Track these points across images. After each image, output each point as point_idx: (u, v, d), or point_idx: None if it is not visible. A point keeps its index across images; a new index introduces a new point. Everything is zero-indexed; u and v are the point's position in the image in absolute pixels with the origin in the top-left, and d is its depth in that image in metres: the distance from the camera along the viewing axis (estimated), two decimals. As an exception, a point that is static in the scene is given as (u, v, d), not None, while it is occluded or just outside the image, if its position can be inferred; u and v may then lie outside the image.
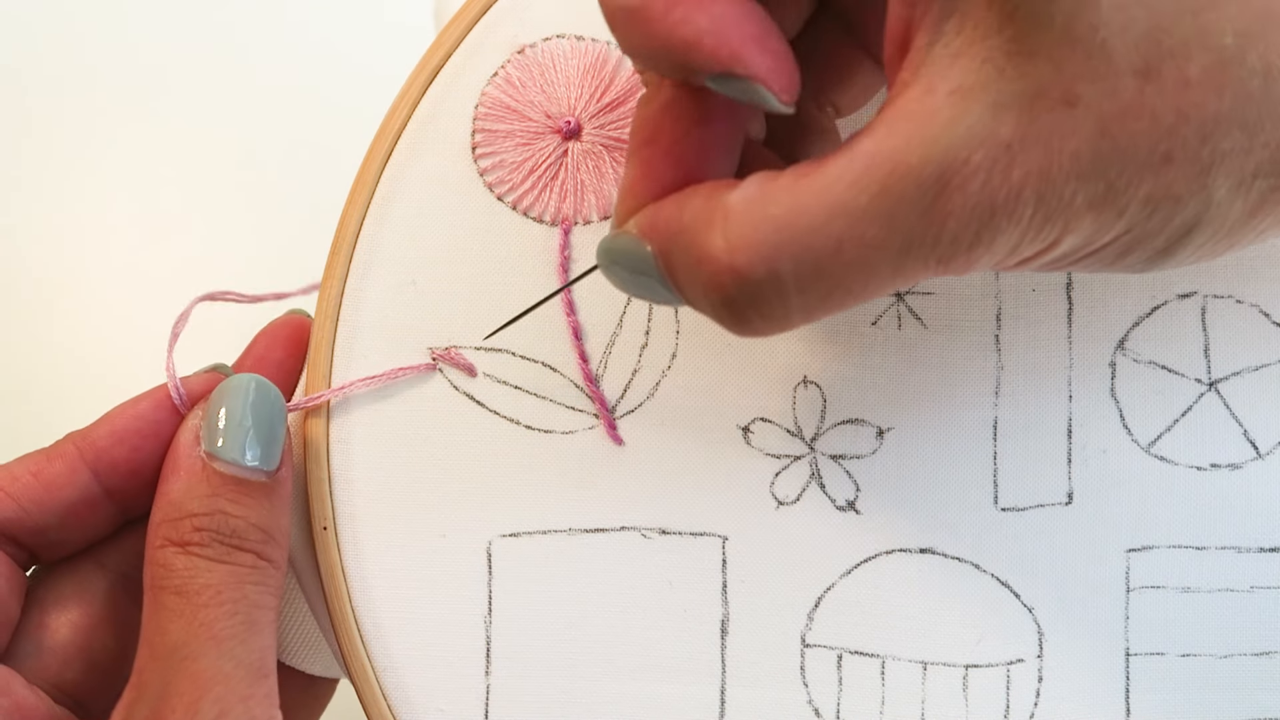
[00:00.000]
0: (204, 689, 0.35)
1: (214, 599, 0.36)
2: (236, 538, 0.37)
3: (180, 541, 0.37)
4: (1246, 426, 0.40)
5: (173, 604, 0.36)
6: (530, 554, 0.41)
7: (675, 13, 0.30)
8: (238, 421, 0.38)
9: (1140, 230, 0.30)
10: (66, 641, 0.40)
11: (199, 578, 0.37)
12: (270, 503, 0.38)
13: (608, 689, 0.41)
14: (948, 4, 0.29)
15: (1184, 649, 0.40)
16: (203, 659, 0.36)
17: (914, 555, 0.41)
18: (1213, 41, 0.28)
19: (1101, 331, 0.41)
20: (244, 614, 0.37)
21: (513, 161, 0.42)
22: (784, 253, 0.29)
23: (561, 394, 0.41)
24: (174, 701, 0.35)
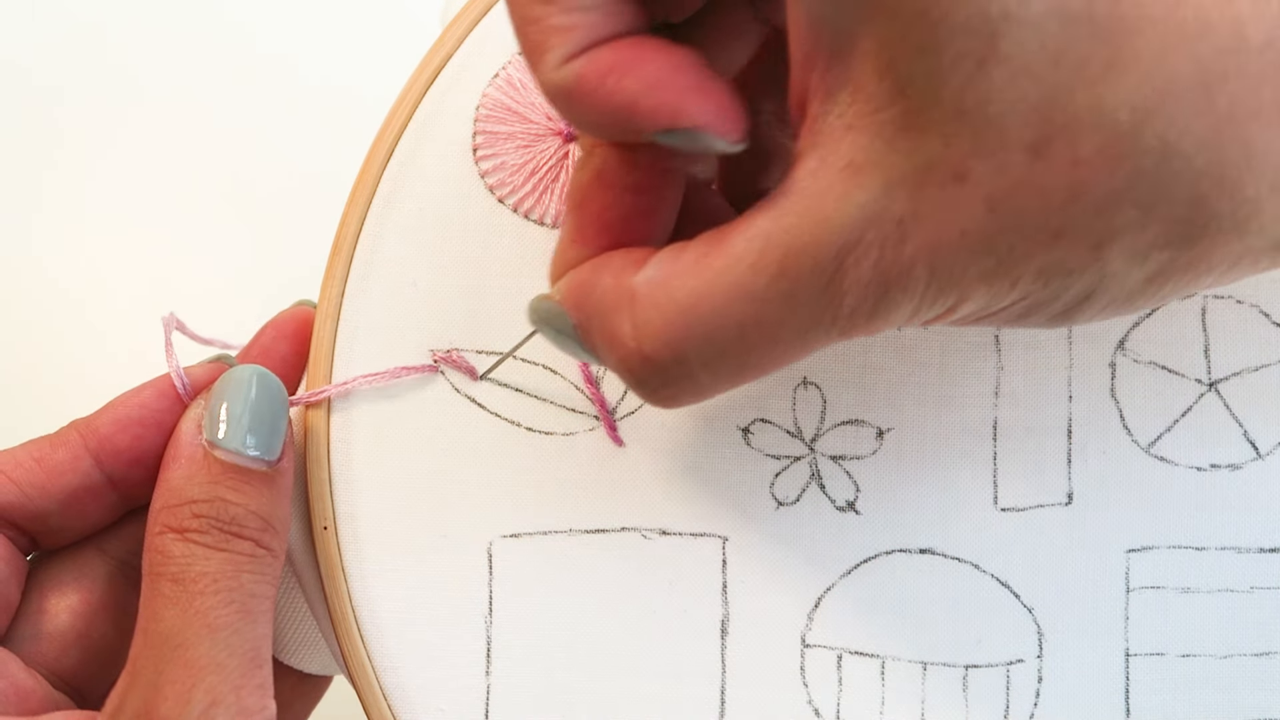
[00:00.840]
0: (197, 677, 0.35)
1: (210, 587, 0.36)
2: (235, 525, 0.37)
3: (179, 528, 0.37)
4: (1246, 427, 0.40)
5: (169, 591, 0.36)
6: (531, 554, 0.41)
7: (608, 82, 0.30)
8: (239, 412, 0.38)
9: (1036, 298, 0.30)
10: (66, 627, 0.40)
11: (195, 565, 0.37)
12: (271, 491, 0.38)
13: (608, 689, 0.41)
14: (840, 74, 0.29)
15: (1184, 649, 0.40)
16: (197, 647, 0.36)
17: (914, 555, 0.41)
18: (1107, 118, 0.27)
19: (1101, 331, 0.41)
20: (240, 602, 0.37)
21: (514, 163, 0.42)
22: (689, 339, 0.31)
23: (562, 396, 0.41)
24: (166, 690, 0.35)
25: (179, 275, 0.70)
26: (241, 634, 0.36)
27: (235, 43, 0.73)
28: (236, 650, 0.36)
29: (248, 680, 0.36)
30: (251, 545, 0.37)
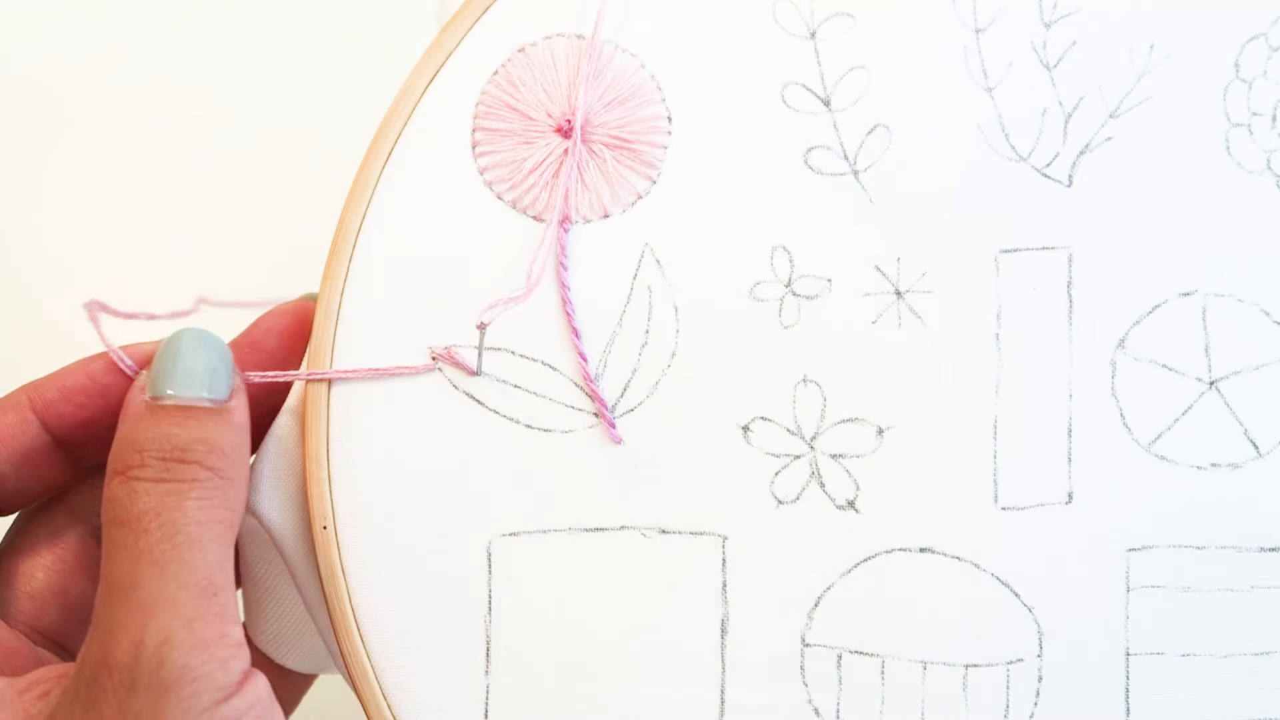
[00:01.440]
0: (147, 617, 0.35)
1: (152, 522, 0.36)
2: (179, 451, 0.37)
3: (123, 469, 0.37)
4: (1247, 426, 0.40)
5: (117, 536, 0.36)
6: (530, 554, 0.41)
7: None
8: (177, 363, 0.38)
9: None
10: (42, 585, 0.40)
11: (136, 504, 0.36)
12: (218, 422, 0.38)
13: (608, 689, 0.41)
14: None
15: (1184, 649, 0.40)
16: (144, 586, 0.35)
17: (914, 555, 0.41)
18: None
19: (1102, 330, 0.41)
20: (184, 533, 0.36)
21: (513, 160, 0.42)
22: None
23: (561, 393, 0.41)
24: (119, 634, 0.35)
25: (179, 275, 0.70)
26: (189, 565, 0.36)
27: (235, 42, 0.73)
28: (186, 582, 0.35)
29: (201, 611, 0.35)
30: (195, 468, 0.37)
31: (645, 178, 0.42)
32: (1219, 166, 0.41)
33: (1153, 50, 0.41)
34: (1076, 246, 0.41)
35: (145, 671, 0.34)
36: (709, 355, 0.41)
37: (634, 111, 0.42)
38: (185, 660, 0.34)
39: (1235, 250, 0.41)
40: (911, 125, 0.41)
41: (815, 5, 0.42)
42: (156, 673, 0.34)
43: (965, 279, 0.41)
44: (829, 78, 0.42)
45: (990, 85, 0.41)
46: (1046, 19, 0.42)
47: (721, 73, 0.42)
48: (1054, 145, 0.41)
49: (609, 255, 0.41)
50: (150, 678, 0.34)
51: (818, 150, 0.41)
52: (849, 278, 0.41)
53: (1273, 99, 0.41)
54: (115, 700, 0.34)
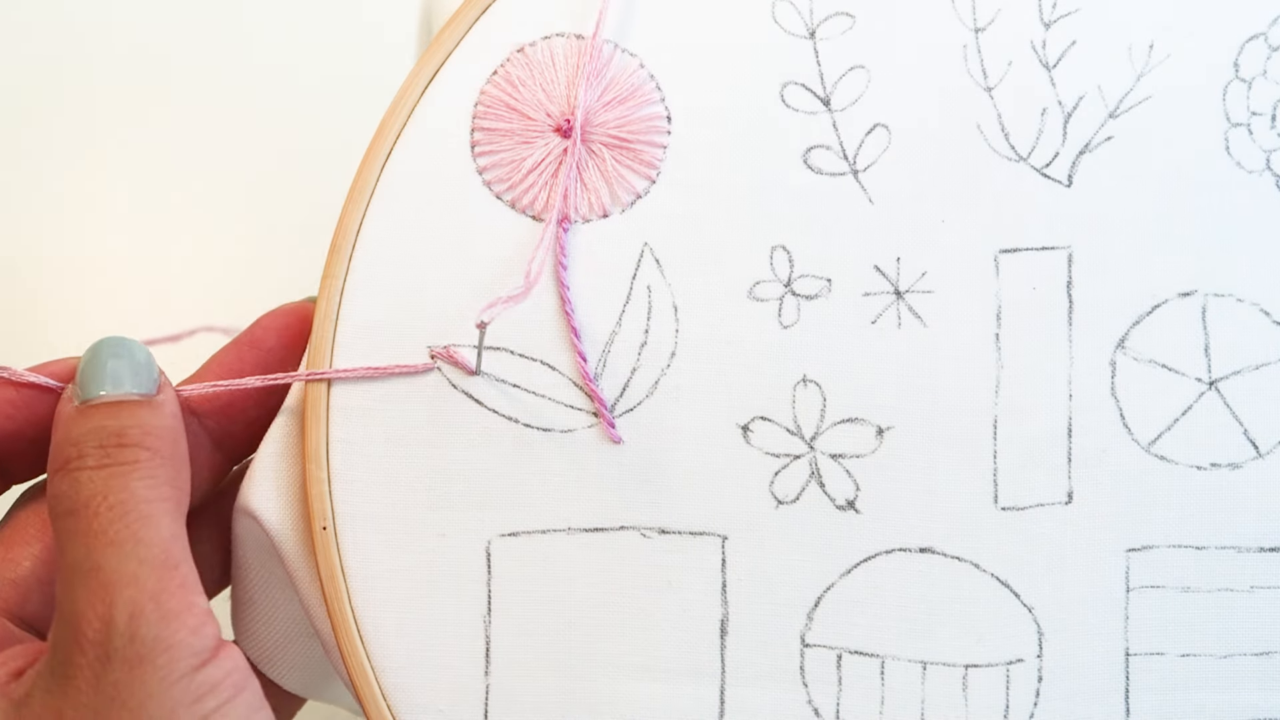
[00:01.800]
0: (112, 594, 0.35)
1: (100, 505, 0.36)
2: (115, 437, 0.37)
3: (62, 465, 0.37)
4: (1247, 425, 0.40)
5: (68, 525, 0.36)
6: (529, 554, 0.41)
7: None
8: (102, 367, 0.39)
9: None
10: (28, 573, 0.41)
11: (81, 491, 0.37)
12: (150, 409, 0.38)
13: (608, 689, 0.41)
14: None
15: (1184, 649, 0.40)
16: (104, 566, 0.35)
17: (914, 555, 0.41)
18: None
19: (1102, 330, 0.41)
20: (135, 510, 0.36)
21: (512, 160, 0.42)
22: None
23: (560, 392, 0.41)
24: (88, 615, 0.35)
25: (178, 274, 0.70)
26: (145, 541, 0.36)
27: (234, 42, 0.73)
28: (145, 558, 0.36)
29: (165, 583, 0.35)
30: (135, 450, 0.37)
31: (644, 177, 0.42)
32: (1219, 166, 0.41)
33: (1152, 50, 0.41)
34: (1076, 246, 0.41)
35: (118, 646, 0.35)
36: (708, 355, 0.41)
37: (633, 111, 0.42)
38: (156, 631, 0.35)
39: (1235, 250, 0.41)
40: (911, 125, 0.41)
41: (815, 5, 0.42)
42: (129, 646, 0.35)
43: (965, 279, 0.41)
44: (829, 77, 0.42)
45: (990, 85, 0.41)
46: (1046, 18, 0.42)
47: (721, 72, 0.42)
48: (1054, 145, 0.41)
49: (608, 255, 0.41)
50: (124, 651, 0.35)
51: (817, 150, 0.41)
52: (849, 278, 0.41)
53: (1272, 99, 0.41)
54: (91, 675, 0.35)
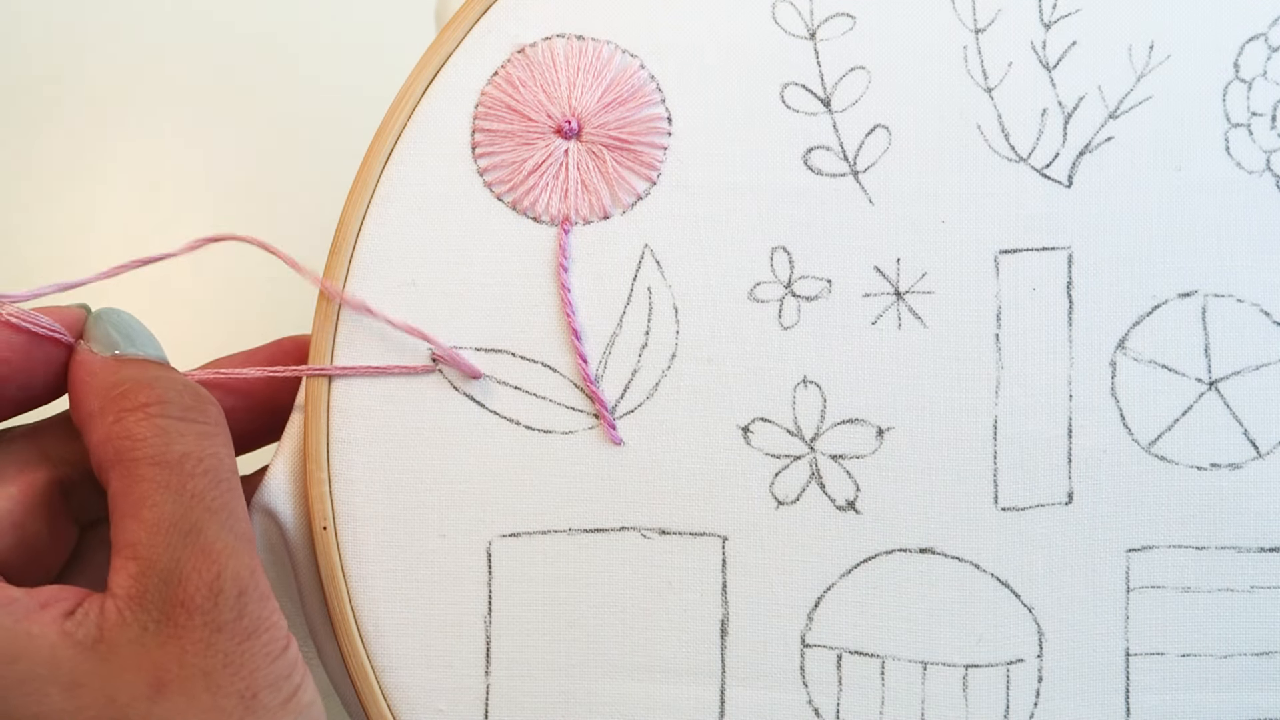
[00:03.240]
0: (219, 564, 0.36)
1: (196, 466, 0.36)
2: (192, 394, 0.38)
3: (138, 405, 0.37)
4: (1247, 426, 0.40)
5: (154, 475, 0.36)
6: (530, 554, 0.41)
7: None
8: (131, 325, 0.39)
9: None
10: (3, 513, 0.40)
11: (174, 444, 0.37)
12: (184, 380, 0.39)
13: (608, 689, 0.41)
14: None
15: (1184, 649, 0.40)
16: (205, 531, 0.36)
17: (914, 555, 0.41)
18: None
19: (1102, 331, 0.41)
20: (227, 480, 0.37)
21: (512, 161, 0.42)
22: None
23: (561, 394, 0.41)
24: (193, 578, 0.35)
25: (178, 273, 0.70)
26: (237, 515, 0.37)
27: (235, 42, 0.73)
28: (239, 532, 0.36)
29: (254, 562, 0.36)
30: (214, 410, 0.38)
31: (645, 179, 0.42)
32: (1219, 166, 0.41)
33: (1153, 50, 0.41)
34: (1076, 247, 0.41)
35: (228, 618, 0.35)
36: (709, 356, 0.41)
37: (633, 112, 0.42)
38: (258, 610, 0.36)
39: (1235, 250, 0.41)
40: (911, 125, 0.41)
41: (815, 5, 0.42)
42: (239, 621, 0.35)
43: (965, 279, 0.41)
44: (829, 78, 0.42)
45: (990, 85, 0.41)
46: (1046, 19, 0.42)
47: (721, 73, 0.42)
48: (1054, 145, 0.41)
49: (609, 256, 0.41)
50: (234, 625, 0.35)
51: (817, 151, 0.41)
52: (849, 278, 0.41)
53: (1272, 99, 0.41)
54: (200, 639, 0.35)
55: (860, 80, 0.42)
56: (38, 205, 0.71)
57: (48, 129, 0.72)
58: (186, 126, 0.72)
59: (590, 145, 0.42)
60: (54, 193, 0.71)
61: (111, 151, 0.72)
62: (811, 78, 0.42)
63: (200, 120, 0.72)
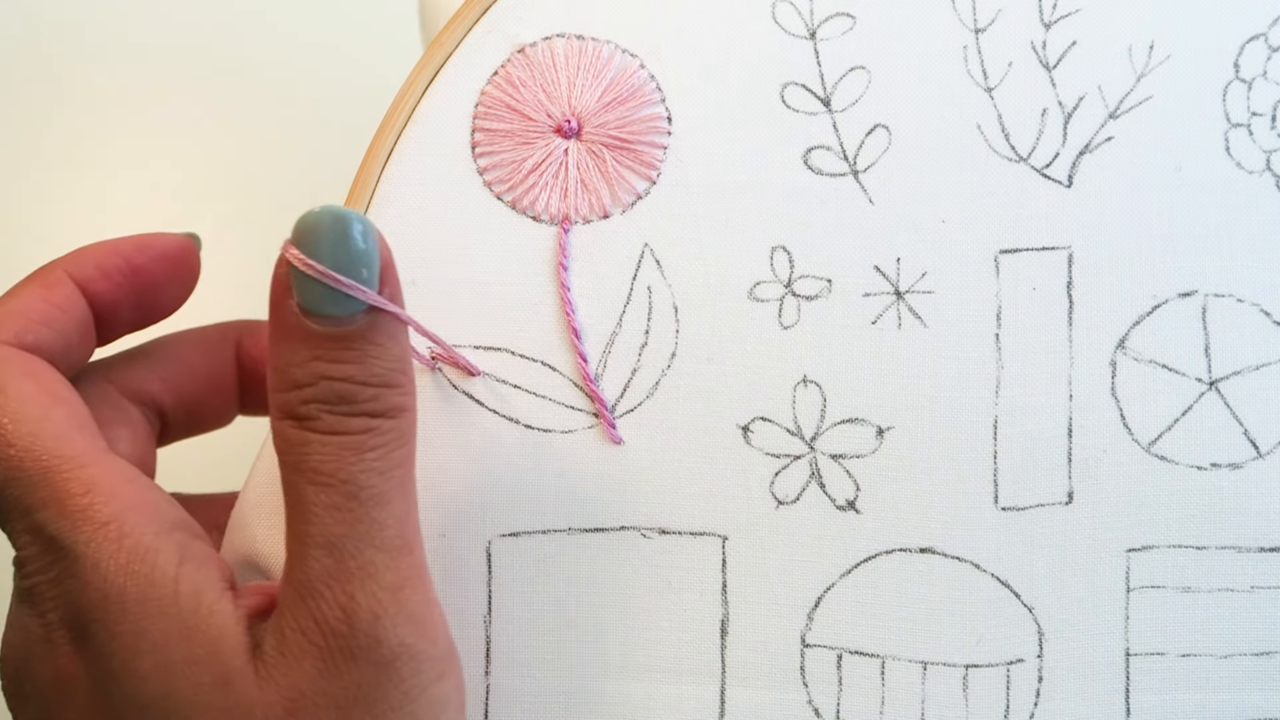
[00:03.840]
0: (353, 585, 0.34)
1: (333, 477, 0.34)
2: (345, 404, 0.35)
3: (294, 415, 0.35)
4: (1247, 426, 0.40)
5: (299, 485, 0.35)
6: (530, 554, 0.41)
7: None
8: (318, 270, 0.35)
9: None
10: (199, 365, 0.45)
11: (312, 456, 0.35)
12: (376, 345, 0.35)
13: (608, 689, 0.41)
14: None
15: (1184, 649, 0.40)
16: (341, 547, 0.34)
17: (914, 555, 0.41)
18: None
19: (1102, 331, 0.41)
20: (368, 489, 0.34)
21: (512, 161, 0.42)
22: None
23: (561, 393, 0.41)
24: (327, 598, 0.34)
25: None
26: (380, 524, 0.34)
27: (234, 41, 0.73)
28: (382, 544, 0.34)
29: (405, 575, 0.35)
30: (364, 420, 0.35)
31: (645, 178, 0.42)
32: (1219, 166, 0.41)
33: (1153, 50, 0.41)
34: (1076, 246, 0.41)
35: (362, 646, 0.34)
36: (709, 356, 0.41)
37: (633, 112, 0.42)
38: (401, 637, 0.34)
39: (1235, 250, 0.41)
40: (911, 125, 0.41)
41: (815, 5, 0.42)
42: (375, 649, 0.34)
43: (965, 279, 0.41)
44: (829, 78, 0.42)
45: (990, 85, 0.41)
46: (1046, 19, 0.42)
47: (721, 73, 0.42)
48: (1054, 145, 0.41)
49: (609, 255, 0.41)
50: (369, 654, 0.34)
51: (817, 150, 0.41)
52: (849, 278, 0.41)
53: (1272, 99, 0.41)
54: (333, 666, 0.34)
55: (860, 80, 0.42)
56: (38, 204, 0.71)
57: (48, 128, 0.72)
58: (187, 126, 0.72)
59: (590, 144, 0.42)
60: (54, 192, 0.71)
61: (111, 151, 0.72)
62: (811, 77, 0.42)
63: (200, 120, 0.72)
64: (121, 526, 0.35)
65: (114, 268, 0.41)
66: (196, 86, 0.72)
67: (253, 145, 0.71)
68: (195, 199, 0.71)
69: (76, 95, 0.72)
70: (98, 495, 0.35)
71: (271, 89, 0.72)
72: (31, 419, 0.36)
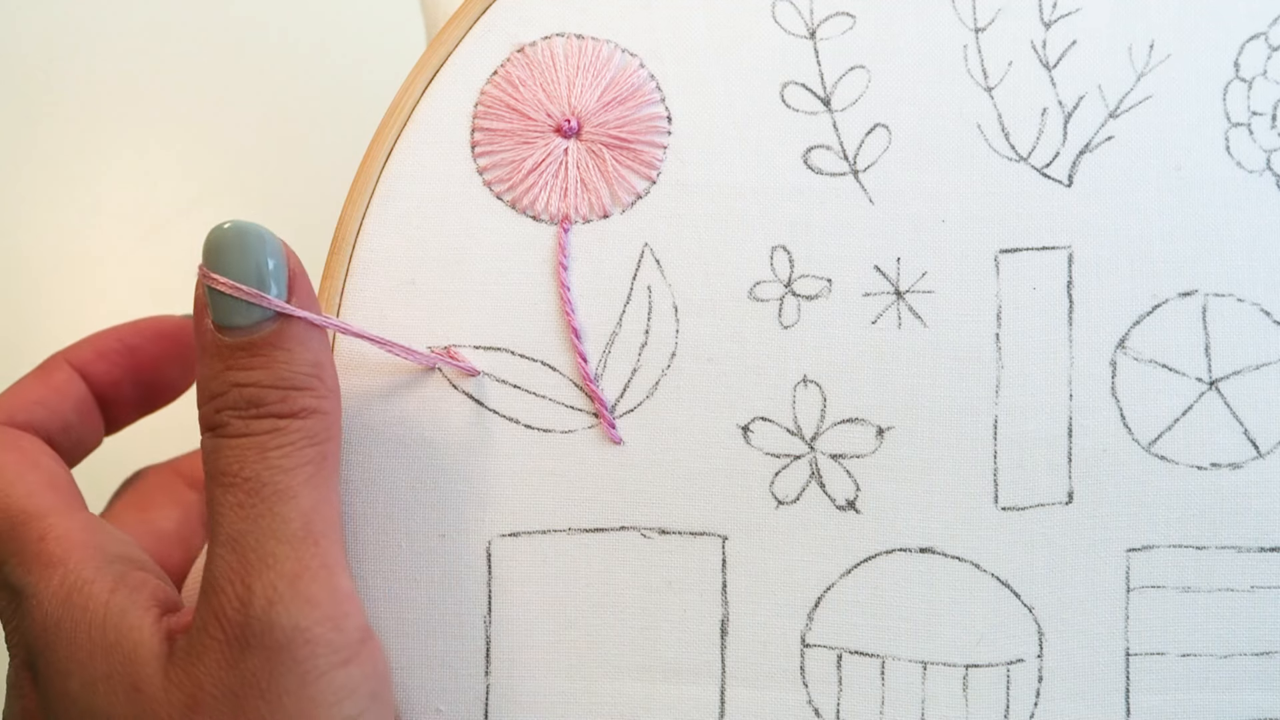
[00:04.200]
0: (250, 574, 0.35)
1: (236, 477, 0.36)
2: (253, 407, 0.36)
3: (210, 426, 0.37)
4: (1247, 425, 0.40)
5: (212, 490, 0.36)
6: (530, 554, 0.41)
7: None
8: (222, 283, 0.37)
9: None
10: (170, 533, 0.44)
11: (221, 458, 0.36)
12: (283, 350, 0.37)
13: (607, 689, 0.41)
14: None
15: (1184, 649, 0.40)
16: (242, 541, 0.35)
17: (914, 555, 0.41)
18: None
19: (1102, 330, 0.41)
20: (271, 484, 0.36)
21: (512, 160, 0.42)
22: None
23: (561, 393, 0.41)
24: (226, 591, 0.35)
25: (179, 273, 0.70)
26: (282, 517, 0.35)
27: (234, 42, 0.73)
28: (283, 535, 0.35)
29: (306, 563, 0.35)
30: (271, 421, 0.36)
31: (645, 178, 0.42)
32: (1219, 166, 0.41)
33: (1153, 50, 0.41)
34: (1076, 246, 0.41)
35: (256, 633, 0.34)
36: (709, 355, 0.41)
37: (633, 111, 0.42)
38: (295, 620, 0.35)
39: (1235, 250, 0.41)
40: (911, 125, 0.41)
41: (815, 5, 0.42)
42: (268, 634, 0.34)
43: (965, 279, 0.41)
44: (829, 77, 0.42)
45: (990, 85, 0.41)
46: (1046, 18, 0.42)
47: (721, 72, 0.42)
48: (1054, 145, 0.41)
49: (609, 255, 0.41)
50: (262, 639, 0.34)
51: (817, 150, 0.41)
52: (849, 278, 0.41)
53: (1273, 99, 0.41)
54: (229, 655, 0.35)
55: (860, 79, 0.42)
56: (38, 203, 0.71)
57: (48, 126, 0.72)
58: (186, 126, 0.72)
59: (590, 144, 0.42)
60: (54, 191, 0.71)
61: (111, 149, 0.72)
62: (811, 77, 0.42)
63: (200, 120, 0.72)
64: (65, 565, 0.37)
65: (109, 349, 0.44)
66: (196, 86, 0.72)
67: (252, 145, 0.71)
68: (195, 199, 0.71)
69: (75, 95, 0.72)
70: (50, 541, 0.38)
71: (271, 89, 0.72)
72: (6, 482, 0.39)
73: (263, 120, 0.71)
